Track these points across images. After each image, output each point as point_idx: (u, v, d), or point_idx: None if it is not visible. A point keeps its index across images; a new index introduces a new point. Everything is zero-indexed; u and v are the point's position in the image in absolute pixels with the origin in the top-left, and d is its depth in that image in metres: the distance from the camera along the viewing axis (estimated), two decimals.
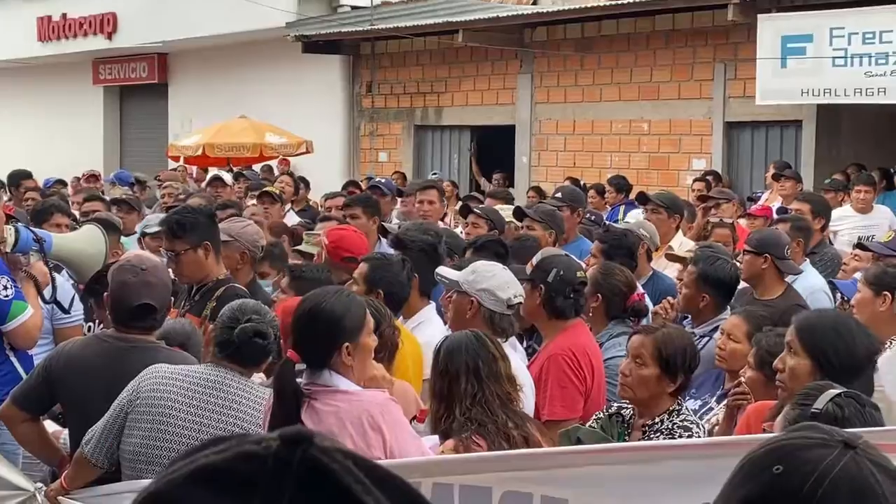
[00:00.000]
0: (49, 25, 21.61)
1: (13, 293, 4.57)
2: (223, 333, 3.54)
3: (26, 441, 4.19)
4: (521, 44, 15.18)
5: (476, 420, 3.38)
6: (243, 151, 15.68)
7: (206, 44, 19.13)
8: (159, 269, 3.97)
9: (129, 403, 3.53)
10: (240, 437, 0.90)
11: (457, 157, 16.80)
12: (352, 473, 0.88)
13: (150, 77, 21.30)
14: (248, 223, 5.69)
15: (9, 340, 4.63)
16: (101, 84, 22.49)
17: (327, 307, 3.25)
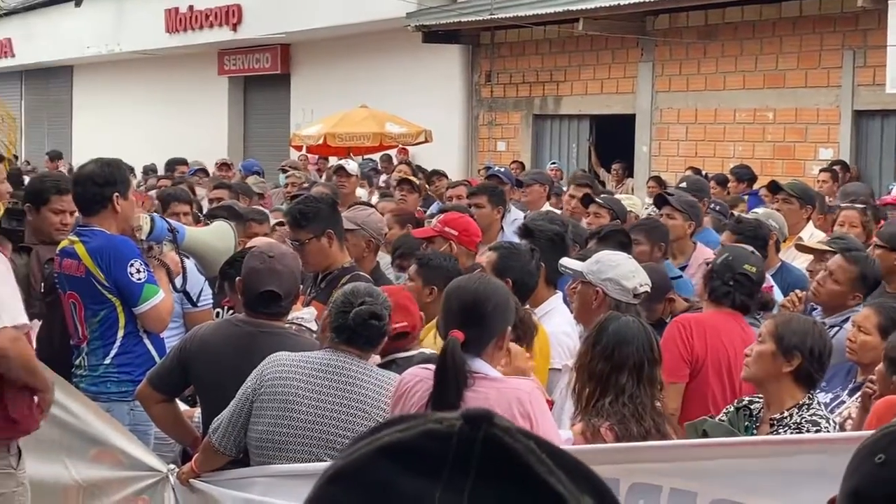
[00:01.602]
0: (177, 17, 22.12)
1: (146, 277, 4.70)
2: (338, 318, 3.58)
3: (161, 421, 4.31)
4: (642, 32, 15.00)
5: (623, 416, 3.35)
6: (363, 141, 15.83)
7: (328, 34, 19.35)
8: (287, 257, 4.03)
9: (253, 392, 3.60)
10: (421, 416, 0.92)
11: (575, 146, 16.70)
12: (534, 453, 0.89)
13: (273, 67, 21.64)
14: (372, 211, 5.75)
15: (141, 323, 4.75)
16: (226, 74, 22.93)
17: (500, 295, 3.27)
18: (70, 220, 5.21)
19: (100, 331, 4.73)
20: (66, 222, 5.19)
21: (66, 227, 5.18)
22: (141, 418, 4.70)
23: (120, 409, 4.67)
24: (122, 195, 4.79)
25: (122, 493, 4.30)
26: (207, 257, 5.08)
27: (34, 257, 5.14)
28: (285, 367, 3.58)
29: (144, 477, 4.20)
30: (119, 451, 4.32)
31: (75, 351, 4.82)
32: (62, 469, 4.49)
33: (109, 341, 4.72)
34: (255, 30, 20.50)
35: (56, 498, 4.50)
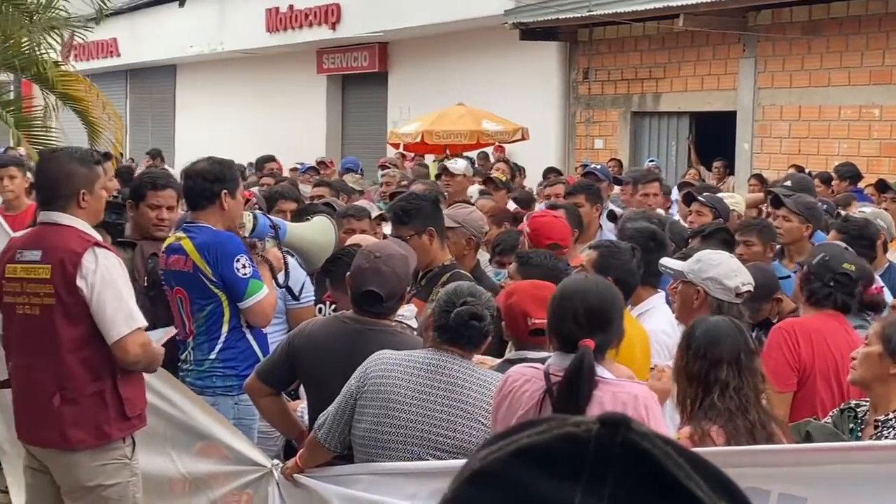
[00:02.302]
0: (277, 17, 22.40)
1: (251, 272, 4.76)
2: (441, 317, 3.58)
3: (268, 414, 4.37)
4: (743, 27, 14.77)
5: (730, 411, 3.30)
6: (460, 138, 15.86)
7: (426, 32, 19.43)
8: (395, 258, 4.01)
9: (357, 390, 3.62)
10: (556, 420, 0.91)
11: (674, 143, 16.52)
12: (672, 458, 0.88)
13: (371, 66, 21.79)
14: (473, 209, 5.75)
15: (245, 318, 4.82)
16: (325, 73, 23.16)
17: (620, 298, 3.29)
18: (166, 214, 5.30)
19: (206, 325, 4.80)
20: (162, 217, 5.29)
21: (162, 223, 5.28)
22: (245, 413, 4.77)
23: (225, 403, 4.74)
24: (231, 193, 4.87)
25: (226, 487, 4.37)
26: (309, 252, 5.13)
27: (138, 252, 5.25)
28: (388, 366, 3.60)
29: (248, 471, 4.25)
30: (224, 445, 4.39)
31: (181, 346, 4.90)
32: (168, 462, 4.58)
33: (215, 336, 4.79)
34: (354, 28, 20.66)
35: (163, 490, 4.59)
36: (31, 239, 4.28)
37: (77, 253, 4.07)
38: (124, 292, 4.11)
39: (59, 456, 4.19)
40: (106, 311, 4.03)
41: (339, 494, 3.74)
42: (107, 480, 4.19)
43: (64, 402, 4.07)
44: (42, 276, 4.09)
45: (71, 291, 4.05)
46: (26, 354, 4.17)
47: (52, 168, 4.22)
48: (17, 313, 4.17)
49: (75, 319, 4.06)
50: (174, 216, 5.37)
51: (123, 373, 4.16)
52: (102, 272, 4.07)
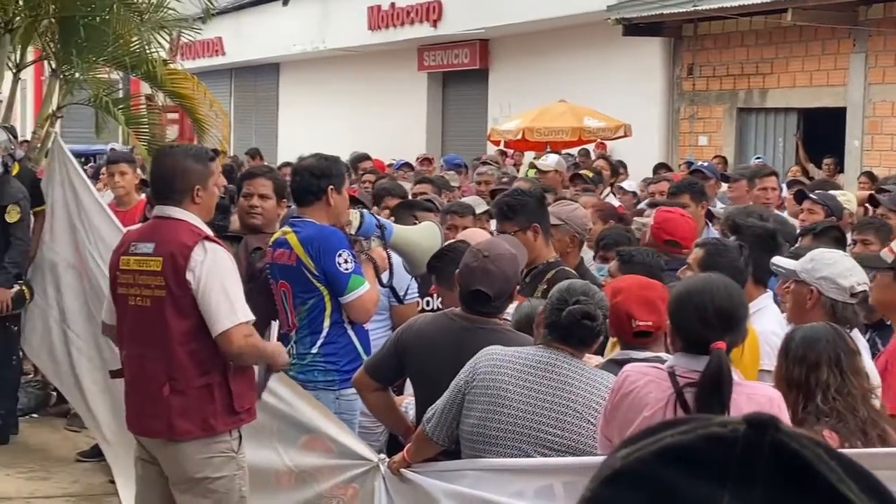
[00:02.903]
0: (379, 14, 22.54)
1: (353, 267, 4.79)
2: (552, 315, 3.54)
3: (375, 409, 4.39)
4: (854, 22, 14.41)
5: (837, 412, 3.23)
6: (562, 135, 15.77)
7: (527, 29, 19.36)
8: (504, 258, 3.97)
9: (465, 385, 3.60)
10: (699, 420, 0.89)
11: (781, 140, 16.19)
12: (823, 461, 0.84)
13: (472, 63, 21.80)
14: (577, 206, 5.71)
15: (346, 313, 4.85)
16: (426, 70, 23.23)
17: (745, 297, 3.23)
18: (257, 202, 5.45)
19: (308, 319, 4.85)
20: (254, 205, 5.46)
21: (253, 209, 5.45)
22: (346, 408, 4.80)
23: (326, 397, 4.77)
24: (337, 189, 4.92)
25: (332, 481, 4.39)
26: (414, 255, 5.14)
27: (242, 246, 5.35)
28: (497, 362, 3.58)
29: (355, 465, 4.26)
30: (329, 438, 4.42)
31: (285, 339, 4.95)
32: (274, 455, 4.62)
33: (317, 330, 4.83)
34: (455, 26, 20.69)
35: (269, 483, 4.63)
36: (144, 232, 4.37)
37: (188, 246, 4.13)
38: (231, 286, 4.15)
39: (166, 447, 4.25)
40: (211, 304, 4.09)
41: (445, 490, 3.73)
42: (213, 473, 4.24)
43: (172, 393, 4.13)
44: (153, 268, 4.17)
45: (180, 284, 4.11)
46: (138, 345, 4.25)
47: (169, 163, 4.30)
48: (130, 305, 4.25)
49: (184, 312, 4.12)
50: (268, 205, 5.48)
51: (235, 367, 4.21)
52: (210, 265, 4.13)
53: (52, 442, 7.90)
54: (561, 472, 3.51)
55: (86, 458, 7.34)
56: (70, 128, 16.35)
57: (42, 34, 10.21)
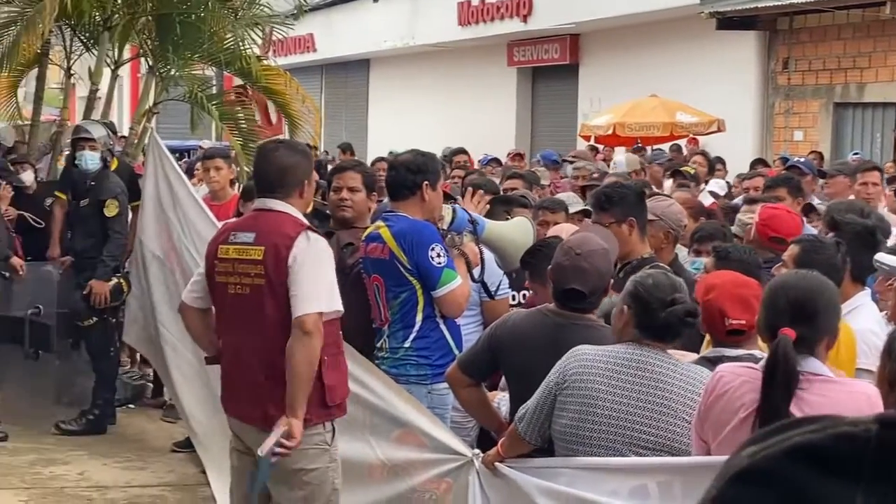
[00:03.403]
0: (468, 10, 22.57)
1: (445, 261, 4.79)
2: (647, 316, 3.48)
3: (468, 404, 4.38)
4: None
5: None
6: (653, 130, 15.63)
7: (618, 23, 19.22)
8: (596, 255, 3.93)
9: (556, 385, 3.57)
10: (829, 419, 0.87)
11: (879, 136, 15.83)
12: None
13: (562, 58, 21.71)
14: (672, 202, 5.64)
15: (438, 307, 4.85)
16: (515, 66, 23.20)
17: (830, 291, 3.17)
18: (346, 195, 5.49)
19: (400, 313, 4.86)
20: (344, 198, 5.50)
21: (344, 203, 5.50)
22: (438, 402, 4.80)
23: (418, 391, 4.77)
24: (432, 186, 4.93)
25: (425, 475, 4.39)
26: (506, 251, 5.12)
27: (334, 241, 5.38)
28: (588, 362, 3.54)
29: (448, 460, 4.26)
30: (422, 433, 4.41)
31: (378, 333, 4.97)
32: (368, 448, 4.64)
33: (409, 325, 4.84)
34: (545, 21, 20.61)
35: (362, 476, 4.65)
36: (245, 222, 4.44)
37: (290, 237, 4.17)
38: (324, 275, 4.17)
39: (261, 438, 4.29)
40: (301, 287, 4.09)
41: (539, 487, 3.71)
42: (307, 465, 4.27)
43: (269, 381, 4.17)
44: (254, 256, 4.21)
45: (280, 273, 4.15)
46: (236, 333, 4.30)
47: (278, 159, 4.34)
48: (229, 293, 4.30)
49: (282, 301, 4.16)
50: (357, 198, 5.53)
51: (330, 361, 4.24)
52: (312, 253, 4.16)
53: (148, 432, 8.05)
54: (656, 471, 3.48)
55: (181, 449, 7.46)
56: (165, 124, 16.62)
57: (139, 32, 10.40)
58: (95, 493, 6.58)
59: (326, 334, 4.21)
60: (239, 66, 10.71)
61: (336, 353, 4.32)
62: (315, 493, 4.29)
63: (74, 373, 8.40)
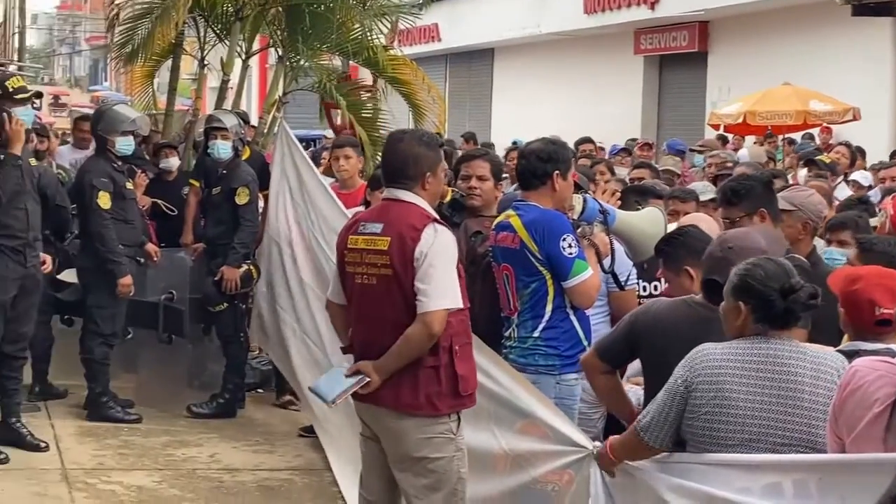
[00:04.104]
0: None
1: (577, 252, 4.76)
2: (768, 307, 3.39)
3: (602, 392, 4.34)
4: None
5: None
6: (786, 119, 15.26)
7: (750, 10, 18.82)
8: (748, 253, 3.76)
9: (684, 387, 3.44)
10: None
11: None
12: None
13: (690, 46, 21.35)
14: (812, 192, 5.48)
15: (569, 298, 4.81)
16: (642, 54, 22.90)
17: None
18: (475, 183, 5.51)
19: (530, 303, 4.84)
20: (473, 186, 5.53)
21: (473, 192, 5.54)
22: (566, 393, 4.77)
23: (546, 382, 4.75)
24: (563, 175, 4.89)
25: (547, 466, 4.35)
26: (637, 241, 5.06)
27: (462, 230, 5.38)
28: (715, 361, 3.43)
29: (570, 452, 4.21)
30: (545, 424, 4.38)
31: (506, 322, 4.96)
32: (491, 438, 4.63)
33: (539, 314, 4.82)
34: (673, 8, 20.30)
35: (485, 465, 4.64)
36: (374, 213, 4.47)
37: (417, 229, 4.19)
38: (450, 271, 4.20)
39: (389, 423, 4.31)
40: (429, 283, 4.13)
41: (666, 483, 3.63)
42: (432, 453, 4.28)
43: (403, 369, 4.21)
44: (380, 247, 4.24)
45: (406, 264, 4.18)
46: (366, 322, 4.34)
47: (402, 149, 4.37)
48: (357, 283, 4.34)
49: (408, 292, 4.18)
50: (486, 186, 5.55)
51: (461, 351, 4.25)
52: (438, 247, 4.18)
53: (276, 417, 8.17)
54: (791, 469, 3.37)
55: (307, 434, 7.56)
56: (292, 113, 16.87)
57: (270, 22, 10.57)
58: (226, 476, 6.71)
59: (456, 324, 4.23)
60: (366, 56, 10.79)
61: (466, 343, 4.33)
62: (440, 481, 4.30)
63: (205, 357, 8.57)
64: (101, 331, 7.66)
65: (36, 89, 7.49)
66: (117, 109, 7.96)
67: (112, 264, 7.55)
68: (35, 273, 6.83)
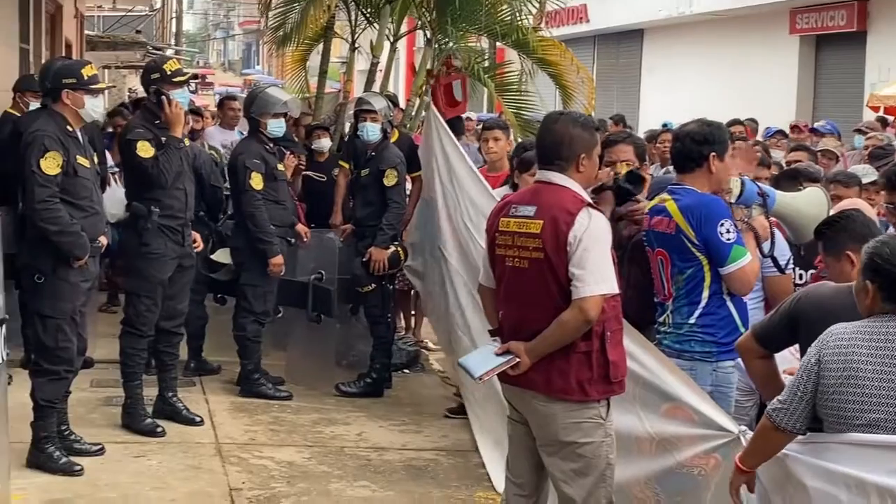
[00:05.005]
0: None
1: (734, 237, 4.64)
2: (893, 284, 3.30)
3: (757, 376, 4.22)
4: None
5: None
6: None
7: None
8: None
9: (816, 367, 3.38)
10: None
11: None
12: None
13: (848, 25, 20.64)
14: None
15: (726, 284, 4.70)
16: (797, 34, 22.24)
17: None
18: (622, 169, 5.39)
19: (686, 289, 4.74)
20: (618, 172, 5.40)
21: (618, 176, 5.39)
22: (723, 380, 4.67)
23: (703, 369, 4.66)
24: (719, 157, 4.78)
25: (692, 450, 4.28)
26: (799, 223, 4.90)
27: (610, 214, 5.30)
28: (845, 340, 3.35)
29: (716, 436, 4.14)
30: (691, 408, 4.30)
31: (660, 308, 4.88)
32: (637, 421, 4.57)
33: (695, 301, 4.72)
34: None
35: (630, 448, 4.58)
36: (526, 195, 4.43)
37: (570, 213, 4.15)
38: (605, 255, 4.15)
39: (537, 406, 4.28)
40: (585, 268, 4.09)
41: (811, 466, 3.50)
42: (581, 438, 4.24)
43: (554, 353, 4.18)
44: (533, 230, 4.21)
45: (559, 248, 4.13)
46: (516, 305, 4.31)
47: (557, 130, 4.33)
48: (507, 266, 4.32)
49: (561, 276, 4.14)
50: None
51: (612, 337, 4.19)
52: (593, 232, 4.13)
53: (423, 397, 8.23)
54: None
55: (454, 415, 7.59)
56: None
57: (419, 5, 10.59)
58: (373, 454, 6.78)
59: (609, 309, 4.18)
60: (515, 38, 10.73)
61: (617, 329, 4.27)
62: (589, 466, 4.26)
63: (353, 337, 8.68)
64: (253, 309, 7.83)
65: (192, 72, 7.69)
66: (269, 92, 8.11)
67: (264, 244, 7.70)
68: (191, 252, 7.02)
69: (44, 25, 14.72)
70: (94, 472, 6.08)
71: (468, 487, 6.25)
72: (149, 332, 6.86)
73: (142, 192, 6.76)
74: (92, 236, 6.00)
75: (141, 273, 6.78)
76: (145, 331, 6.84)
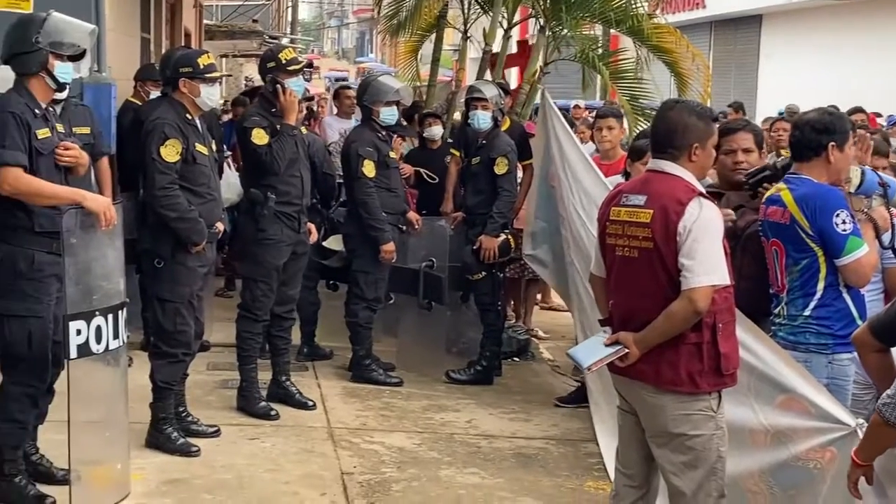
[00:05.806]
0: None
1: (851, 228, 4.54)
2: None
3: (873, 370, 4.11)
4: None
5: None
6: None
7: None
8: None
9: None
10: None
11: None
12: None
13: None
14: None
15: (842, 276, 4.60)
16: None
17: None
18: (741, 157, 5.31)
19: (800, 280, 4.65)
20: (739, 160, 5.31)
21: (738, 166, 5.31)
22: (839, 373, 4.57)
23: (818, 361, 4.57)
24: (839, 146, 4.68)
25: (808, 443, 4.21)
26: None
27: (724, 203, 5.23)
28: None
29: (832, 429, 4.07)
30: (806, 400, 4.23)
31: (774, 300, 4.79)
32: (750, 412, 4.50)
33: (810, 292, 4.63)
34: None
35: (744, 440, 4.52)
36: (637, 184, 4.39)
37: (681, 202, 4.10)
38: (716, 246, 4.09)
39: (646, 397, 4.24)
40: (694, 259, 4.04)
41: None
42: (691, 430, 4.19)
43: (663, 344, 4.14)
44: (643, 220, 4.18)
45: (669, 238, 4.09)
46: (625, 295, 4.28)
47: (671, 118, 4.28)
48: (617, 255, 4.29)
49: (670, 266, 4.10)
50: (752, 159, 5.35)
51: (724, 329, 4.14)
52: (703, 222, 4.08)
53: (532, 386, 8.23)
54: None
55: (563, 404, 7.57)
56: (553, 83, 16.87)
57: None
58: (483, 441, 6.80)
59: (720, 301, 4.12)
60: (629, 25, 10.63)
61: (729, 321, 4.21)
62: (699, 458, 4.21)
63: (463, 324, 8.71)
64: (364, 295, 7.91)
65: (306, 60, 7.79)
66: (382, 80, 8.17)
67: (376, 231, 7.77)
68: (305, 239, 7.13)
69: (164, 15, 15.07)
70: (210, 454, 6.22)
71: (578, 477, 6.23)
72: (264, 317, 6.99)
73: (258, 178, 6.89)
74: (209, 222, 6.13)
75: (257, 258, 6.91)
76: (261, 315, 6.96)
